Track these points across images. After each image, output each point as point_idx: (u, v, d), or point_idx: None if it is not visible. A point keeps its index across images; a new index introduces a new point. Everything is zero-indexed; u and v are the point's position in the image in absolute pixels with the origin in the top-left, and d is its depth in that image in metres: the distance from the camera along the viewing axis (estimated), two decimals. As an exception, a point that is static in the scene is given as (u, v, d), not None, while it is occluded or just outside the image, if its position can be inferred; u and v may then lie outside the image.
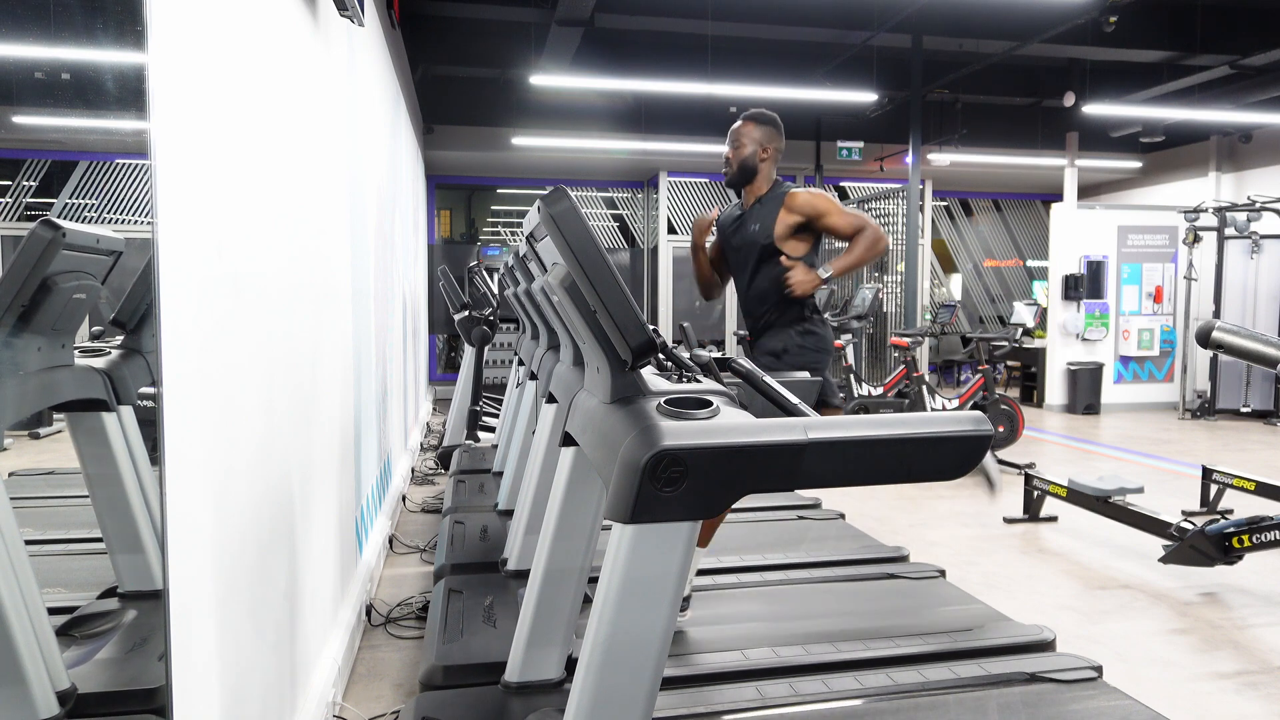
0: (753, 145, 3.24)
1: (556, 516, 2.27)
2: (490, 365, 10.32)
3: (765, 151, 3.25)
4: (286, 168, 2.18)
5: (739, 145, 3.25)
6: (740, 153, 3.25)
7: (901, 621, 3.02)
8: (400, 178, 6.25)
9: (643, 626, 1.58)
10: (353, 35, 3.48)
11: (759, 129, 3.24)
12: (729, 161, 3.29)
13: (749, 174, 3.26)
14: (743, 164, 3.25)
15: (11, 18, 1.07)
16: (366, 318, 3.88)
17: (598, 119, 9.80)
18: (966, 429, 1.60)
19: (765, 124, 3.25)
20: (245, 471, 1.76)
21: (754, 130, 3.24)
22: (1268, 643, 3.21)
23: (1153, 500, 4.44)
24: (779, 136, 3.27)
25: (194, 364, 1.44)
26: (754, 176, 3.27)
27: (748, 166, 3.25)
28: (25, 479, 1.30)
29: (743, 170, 3.26)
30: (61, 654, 1.22)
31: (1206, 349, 3.53)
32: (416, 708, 2.36)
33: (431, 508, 5.07)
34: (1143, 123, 9.80)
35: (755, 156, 3.24)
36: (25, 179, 1.22)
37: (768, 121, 3.26)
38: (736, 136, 3.27)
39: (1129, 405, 9.62)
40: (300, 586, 2.28)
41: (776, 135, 3.27)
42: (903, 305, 9.55)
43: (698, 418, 1.55)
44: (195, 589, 1.44)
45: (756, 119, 3.26)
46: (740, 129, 3.27)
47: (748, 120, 3.27)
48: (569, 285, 1.76)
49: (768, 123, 3.26)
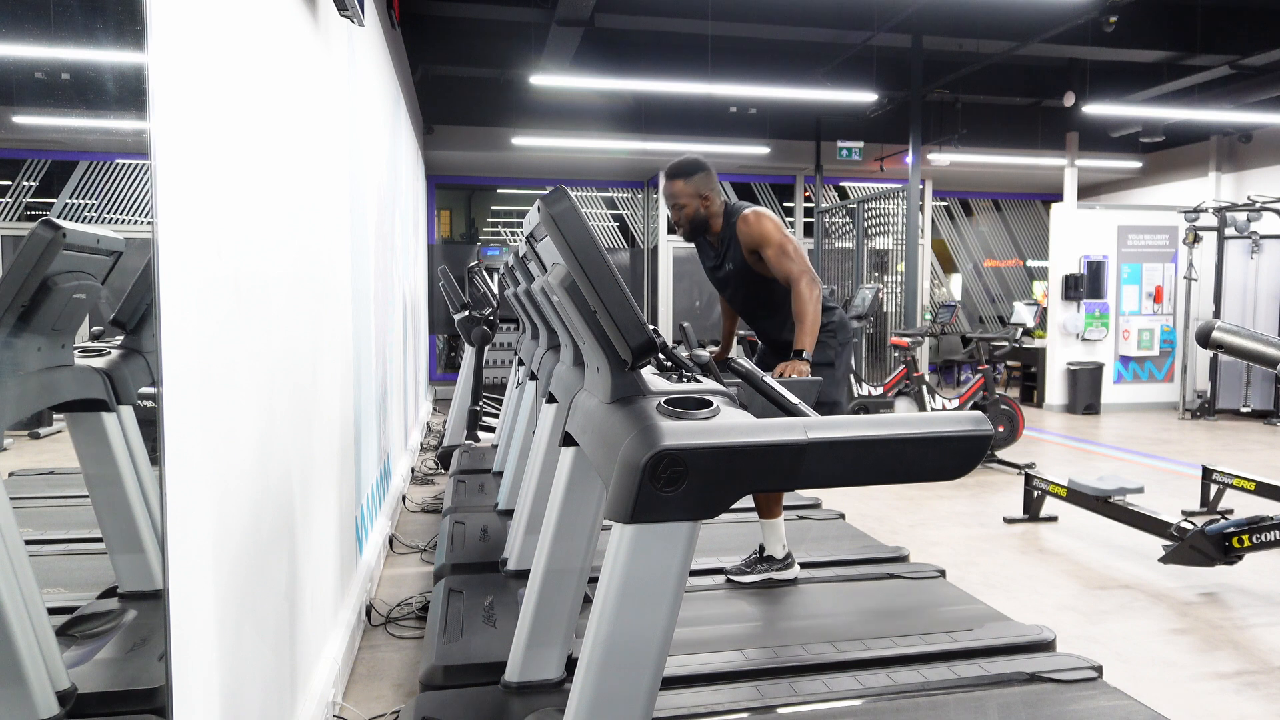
0: (693, 200, 3.32)
1: (556, 516, 2.27)
2: (490, 365, 10.33)
3: (706, 200, 3.33)
4: (287, 168, 2.18)
5: (680, 205, 3.33)
6: (685, 213, 3.33)
7: (901, 621, 3.02)
8: (400, 178, 6.25)
9: (643, 626, 1.58)
10: (353, 35, 3.48)
11: (689, 182, 3.30)
12: (678, 223, 3.39)
13: (703, 225, 3.38)
14: (692, 222, 3.35)
15: (11, 18, 1.07)
16: (366, 318, 3.88)
17: (598, 119, 9.80)
18: (966, 429, 1.60)
19: (691, 174, 3.30)
20: (245, 471, 1.76)
21: (684, 186, 3.30)
22: (1268, 643, 3.21)
23: (1153, 500, 4.44)
24: (709, 175, 3.33)
25: (194, 364, 1.44)
26: (707, 224, 3.38)
27: (699, 220, 3.36)
28: (25, 479, 1.30)
29: (694, 227, 3.37)
30: (61, 654, 1.22)
31: (1206, 349, 3.53)
32: (416, 708, 2.36)
33: (431, 508, 5.07)
34: (1143, 123, 9.80)
35: (700, 208, 3.34)
36: (25, 179, 1.22)
37: (693, 170, 3.30)
38: (672, 198, 3.34)
39: (1129, 405, 9.62)
40: (300, 586, 2.28)
41: (707, 177, 3.32)
42: (903, 305, 9.54)
43: (698, 418, 1.55)
44: (195, 589, 1.44)
45: (681, 173, 3.30)
46: (671, 189, 3.33)
47: (672, 178, 3.32)
48: (569, 285, 1.76)
49: (693, 171, 3.30)
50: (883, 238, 10.58)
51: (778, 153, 10.58)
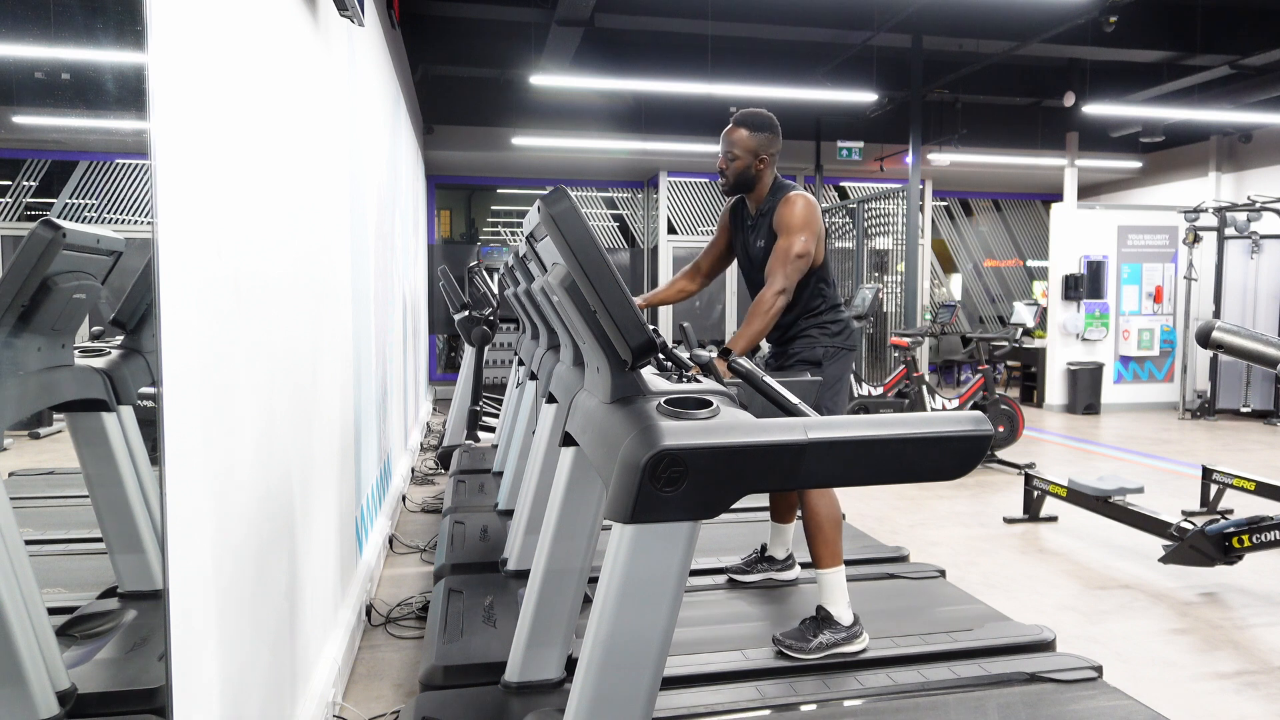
0: (747, 156, 3.02)
1: (556, 516, 2.27)
2: (490, 365, 10.32)
3: (762, 161, 3.03)
4: (287, 168, 2.18)
5: (733, 156, 3.03)
6: (736, 164, 3.03)
7: (901, 621, 3.02)
8: (400, 178, 6.25)
9: (643, 626, 1.58)
10: (353, 35, 3.48)
11: (753, 136, 3.01)
12: (723, 171, 3.08)
13: (747, 184, 3.08)
14: (739, 176, 3.05)
15: (11, 18, 1.07)
16: (366, 318, 3.88)
17: (598, 119, 9.80)
18: (966, 429, 1.60)
19: (760, 129, 3.02)
20: (245, 471, 1.76)
21: (747, 138, 3.01)
22: (1268, 643, 3.21)
23: (1153, 500, 4.44)
24: (775, 139, 3.05)
25: (194, 364, 1.44)
26: (753, 185, 3.08)
27: (745, 178, 3.06)
28: (25, 479, 1.30)
29: (740, 182, 3.07)
30: (61, 654, 1.22)
31: (1206, 349, 3.53)
32: (416, 708, 2.36)
33: (431, 508, 5.07)
34: (1143, 123, 9.80)
35: (751, 168, 3.04)
36: (25, 179, 1.22)
37: (763, 126, 3.02)
38: (729, 144, 3.04)
39: (1129, 405, 9.62)
40: (300, 586, 2.28)
41: (773, 139, 3.04)
42: (903, 305, 9.54)
43: (698, 418, 1.55)
44: (195, 589, 1.44)
45: (749, 124, 3.02)
46: (732, 135, 3.03)
47: (739, 125, 3.03)
48: (569, 285, 1.76)
49: (763, 128, 3.02)
50: (883, 238, 10.58)
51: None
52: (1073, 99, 8.90)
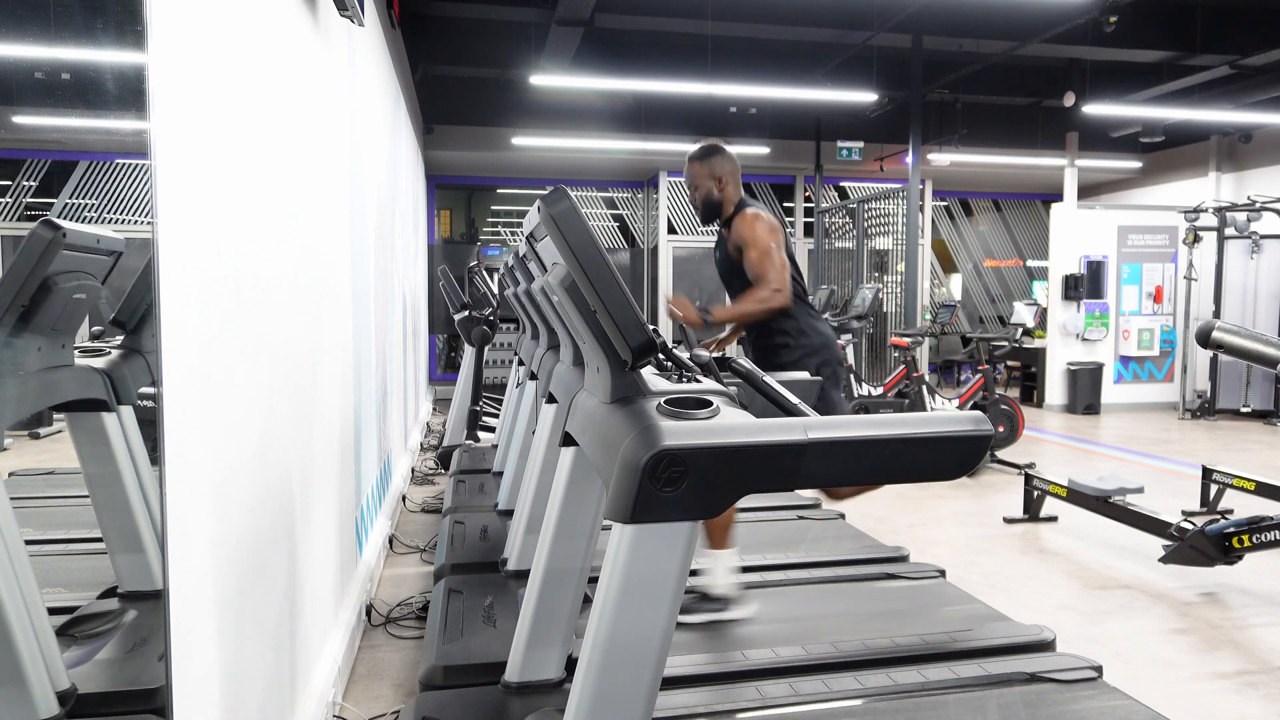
0: (706, 181, 3.39)
1: (556, 516, 2.27)
2: (490, 365, 10.32)
3: (719, 180, 3.40)
4: (287, 168, 2.18)
5: (695, 186, 3.42)
6: (699, 193, 3.42)
7: (902, 621, 3.02)
8: (400, 178, 6.25)
9: (643, 626, 1.58)
10: (353, 35, 3.48)
11: (703, 164, 3.39)
12: (694, 204, 3.48)
13: (714, 207, 3.44)
14: (705, 202, 3.43)
15: (11, 18, 1.07)
16: (366, 318, 3.88)
17: (598, 119, 9.80)
18: (966, 429, 1.60)
19: (706, 156, 3.40)
20: (245, 471, 1.76)
21: (699, 167, 3.40)
22: (1268, 643, 3.21)
23: (1153, 500, 4.44)
24: (724, 158, 3.41)
25: (194, 364, 1.44)
26: (720, 207, 3.43)
27: (711, 202, 3.43)
28: (25, 479, 1.30)
29: (707, 208, 3.45)
30: (61, 654, 1.22)
31: (1206, 349, 3.53)
32: (416, 708, 2.36)
33: (431, 508, 5.07)
34: (1143, 123, 9.80)
35: (714, 190, 3.41)
36: (25, 179, 1.22)
37: (708, 153, 3.41)
38: (688, 180, 3.46)
39: (1129, 405, 9.62)
40: (300, 586, 2.28)
41: (721, 159, 3.40)
42: (903, 305, 9.54)
43: (698, 418, 1.55)
44: (195, 589, 1.44)
45: (696, 156, 3.42)
46: (688, 172, 3.45)
47: (689, 162, 3.44)
48: (569, 285, 1.76)
49: (709, 154, 3.40)
50: (883, 238, 10.58)
51: (778, 153, 10.58)
52: (1073, 99, 8.90)
